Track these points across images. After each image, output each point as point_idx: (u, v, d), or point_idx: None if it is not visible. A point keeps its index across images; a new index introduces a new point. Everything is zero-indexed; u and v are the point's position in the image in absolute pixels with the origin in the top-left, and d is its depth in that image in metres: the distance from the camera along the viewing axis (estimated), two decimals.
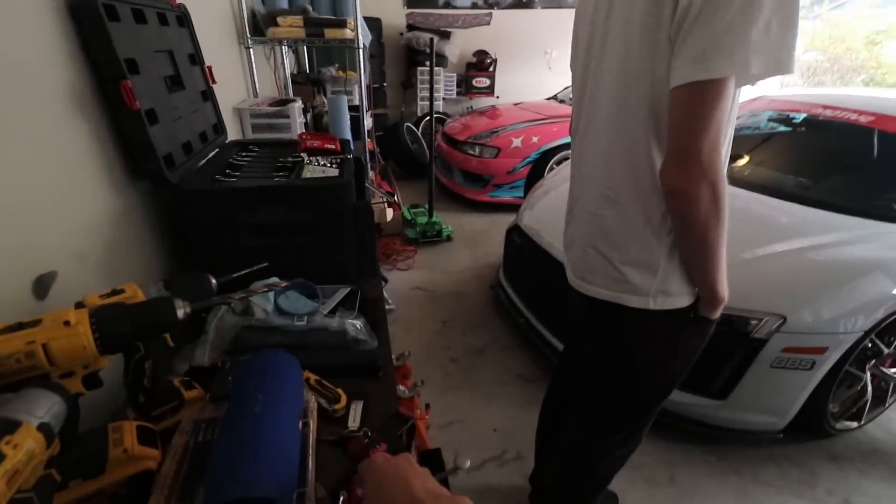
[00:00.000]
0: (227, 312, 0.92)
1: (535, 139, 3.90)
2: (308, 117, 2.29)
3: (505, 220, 2.74)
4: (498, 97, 5.97)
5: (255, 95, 1.90)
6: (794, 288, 1.60)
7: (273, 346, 0.76)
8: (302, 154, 1.18)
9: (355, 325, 0.94)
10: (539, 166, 3.91)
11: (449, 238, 3.51)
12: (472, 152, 4.08)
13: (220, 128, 1.37)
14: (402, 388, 1.18)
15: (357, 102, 2.80)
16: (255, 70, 1.91)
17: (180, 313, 0.58)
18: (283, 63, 2.64)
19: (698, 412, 1.71)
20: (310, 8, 1.98)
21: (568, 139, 0.88)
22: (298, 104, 1.78)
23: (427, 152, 3.94)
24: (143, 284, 0.71)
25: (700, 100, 0.64)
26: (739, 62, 0.61)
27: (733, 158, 2.47)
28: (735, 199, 2.02)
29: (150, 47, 1.04)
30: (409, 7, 5.70)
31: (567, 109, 4.48)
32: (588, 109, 0.90)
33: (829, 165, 2.27)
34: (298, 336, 0.91)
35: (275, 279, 0.90)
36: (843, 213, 1.86)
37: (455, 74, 5.88)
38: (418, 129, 5.35)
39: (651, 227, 0.79)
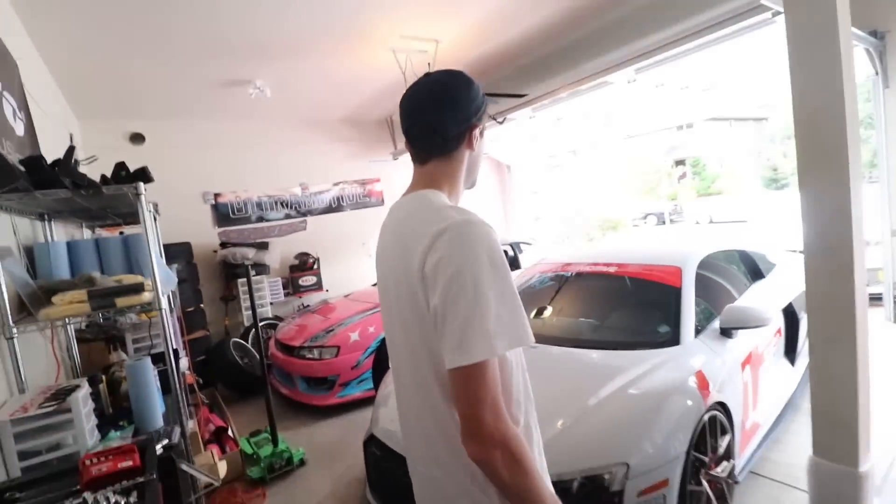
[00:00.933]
0: None
1: (371, 329, 3.98)
2: (101, 389, 1.93)
3: (361, 418, 2.59)
4: (327, 290, 6.12)
5: (23, 391, 1.54)
6: (624, 430, 1.81)
7: None
8: (84, 497, 0.93)
9: None
10: (382, 353, 3.94)
11: (302, 462, 3.10)
12: (311, 356, 3.93)
13: None
14: None
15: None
16: (20, 362, 1.58)
17: None
18: (64, 326, 2.28)
19: None
20: (97, 275, 1.82)
21: None
22: (84, 391, 1.49)
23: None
24: None
25: (469, 380, 0.76)
26: (487, 348, 0.75)
27: (542, 313, 2.91)
28: (552, 358, 2.36)
29: None
30: (219, 226, 5.77)
31: None
32: (392, 349, 0.98)
33: (607, 308, 2.84)
34: None
35: None
36: (630, 348, 2.29)
37: (279, 278, 5.91)
38: (248, 341, 5.01)
39: (477, 483, 0.83)
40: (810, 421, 1.99)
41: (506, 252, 5.80)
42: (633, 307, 2.74)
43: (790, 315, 3.03)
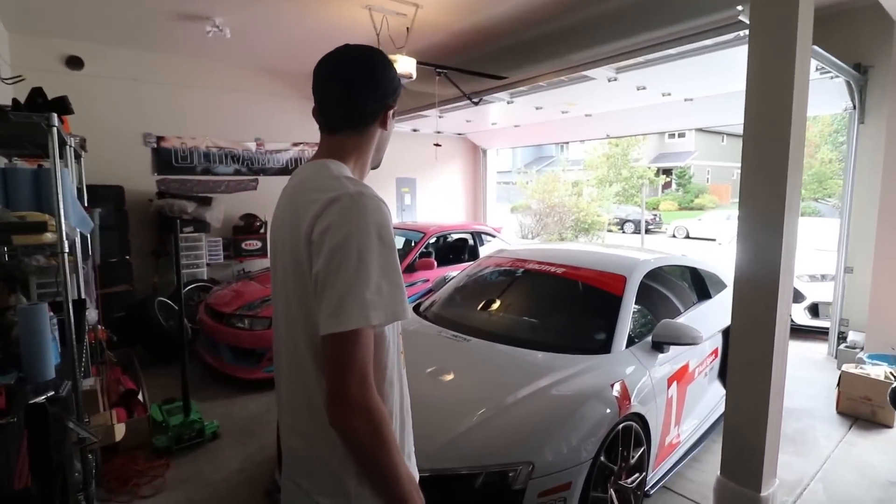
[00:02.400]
0: None
1: None
2: None
3: None
4: None
5: None
6: (535, 430, 1.92)
7: None
8: None
9: None
10: None
11: (215, 436, 3.11)
12: (241, 325, 3.91)
13: None
14: None
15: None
16: None
17: None
18: None
19: None
20: None
21: None
22: None
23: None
24: None
25: (340, 347, 0.80)
26: (362, 317, 0.80)
27: (485, 307, 3.01)
28: (482, 351, 2.46)
29: None
30: (158, 174, 5.59)
31: None
32: (275, 322, 1.02)
33: (548, 309, 2.96)
34: None
35: None
36: (563, 351, 2.40)
37: (220, 239, 5.79)
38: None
39: (336, 457, 0.89)
40: None
41: (465, 241, 5.88)
42: (574, 311, 2.86)
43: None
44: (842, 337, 4.52)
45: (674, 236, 18.25)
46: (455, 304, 3.17)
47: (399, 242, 5.51)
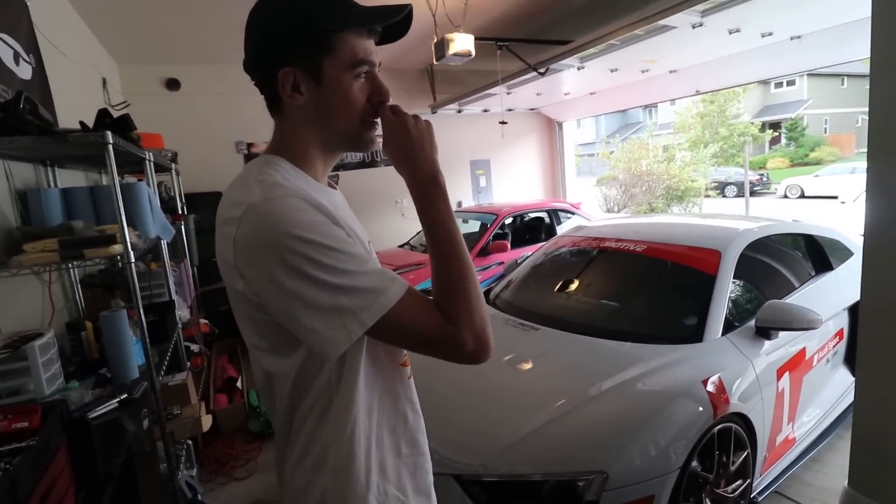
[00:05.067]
0: None
1: None
2: (84, 336, 2.03)
3: None
4: None
5: None
6: (612, 434, 1.64)
7: None
8: None
9: None
10: None
11: None
12: None
13: None
14: None
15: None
16: None
17: None
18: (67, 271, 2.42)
19: None
20: (78, 224, 1.86)
21: (429, 284, 0.81)
22: (45, 340, 1.55)
23: None
24: None
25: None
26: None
27: (555, 293, 2.72)
28: (557, 341, 2.19)
29: None
30: None
31: (419, 257, 4.74)
32: None
33: (627, 293, 2.59)
34: None
35: None
36: (644, 341, 2.07)
37: None
38: None
39: None
40: None
41: (541, 220, 5.51)
42: (659, 294, 2.47)
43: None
44: None
45: (785, 196, 15.91)
46: (524, 290, 2.91)
47: (474, 226, 5.31)
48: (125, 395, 1.61)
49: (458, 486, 1.59)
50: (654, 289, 2.51)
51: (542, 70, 4.37)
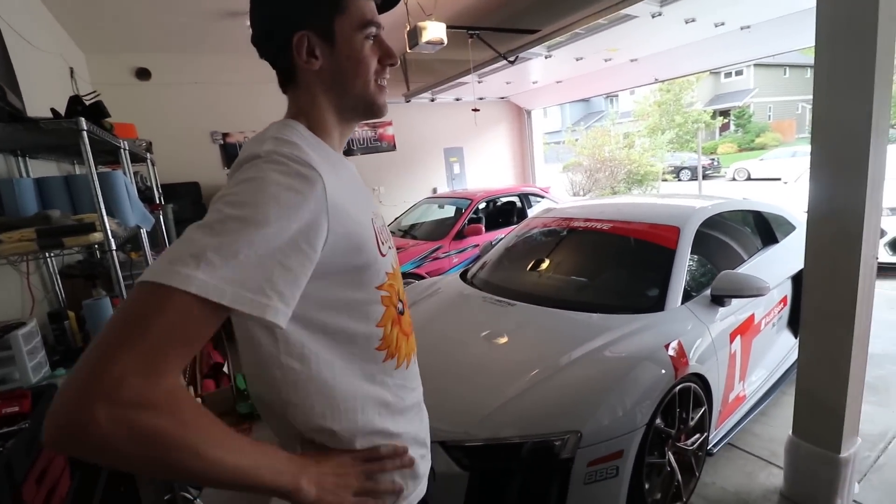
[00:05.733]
0: None
1: None
2: (67, 325, 1.96)
3: None
4: None
5: None
6: (583, 398, 1.70)
7: None
8: None
9: None
10: None
11: None
12: None
13: None
14: None
15: None
16: None
17: None
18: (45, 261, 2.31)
19: None
20: (55, 213, 1.78)
21: (409, 266, 0.75)
22: (28, 329, 1.48)
23: None
24: None
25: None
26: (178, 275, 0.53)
27: (529, 270, 2.77)
28: (531, 315, 2.24)
29: None
30: (227, 167, 5.73)
31: (399, 241, 4.72)
32: None
33: (596, 268, 2.66)
34: None
35: None
36: (611, 312, 2.14)
37: None
38: None
39: None
40: None
41: (513, 204, 5.56)
42: (623, 268, 2.55)
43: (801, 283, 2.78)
44: None
45: (734, 179, 16.51)
46: (499, 269, 2.95)
47: (450, 211, 5.32)
48: None
49: (444, 451, 1.63)
50: (620, 264, 2.59)
51: (511, 58, 4.37)
